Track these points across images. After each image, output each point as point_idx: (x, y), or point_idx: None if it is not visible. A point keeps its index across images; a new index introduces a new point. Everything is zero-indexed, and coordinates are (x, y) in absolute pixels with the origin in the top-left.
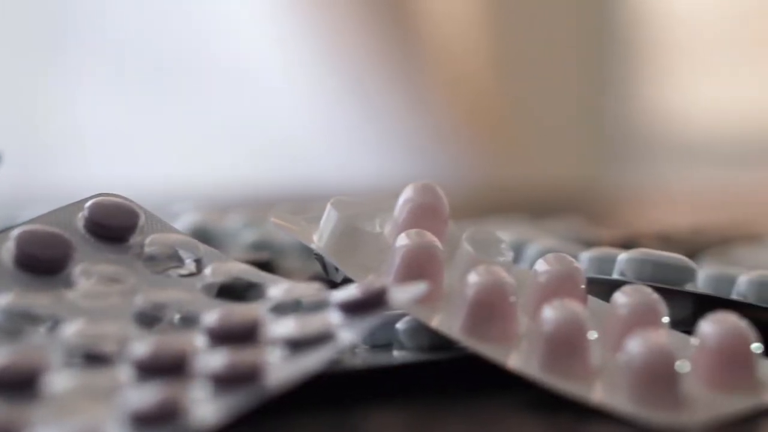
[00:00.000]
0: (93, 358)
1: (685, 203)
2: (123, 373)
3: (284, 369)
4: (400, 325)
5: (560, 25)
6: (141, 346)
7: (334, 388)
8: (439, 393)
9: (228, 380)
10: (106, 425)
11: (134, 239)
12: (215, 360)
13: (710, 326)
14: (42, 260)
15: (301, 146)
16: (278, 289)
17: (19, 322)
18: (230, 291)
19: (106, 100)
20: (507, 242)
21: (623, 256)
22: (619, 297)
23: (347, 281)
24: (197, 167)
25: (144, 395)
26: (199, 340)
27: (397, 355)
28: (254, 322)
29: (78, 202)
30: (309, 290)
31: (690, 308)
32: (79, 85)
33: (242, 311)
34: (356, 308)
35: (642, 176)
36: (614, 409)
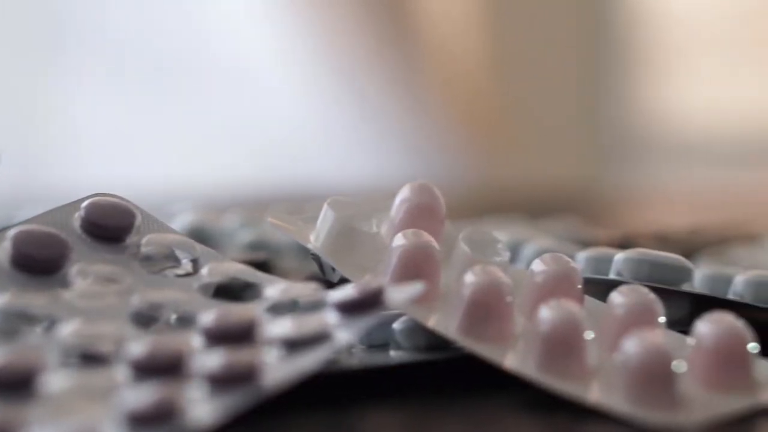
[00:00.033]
0: (89, 358)
1: (682, 203)
2: (119, 373)
3: (281, 369)
4: (397, 325)
5: (557, 25)
6: (137, 346)
7: (331, 388)
8: (436, 393)
9: (225, 380)
10: (103, 425)
11: (131, 239)
12: (212, 360)
13: (707, 326)
14: (38, 260)
15: (299, 146)
16: (275, 289)
17: (16, 322)
18: (227, 291)
19: (105, 100)
20: (504, 242)
21: (620, 256)
22: (616, 297)
23: (344, 281)
24: (195, 167)
25: (140, 395)
26: (196, 340)
27: (394, 355)
28: (251, 322)
29: (74, 202)
30: (306, 290)
31: (687, 308)
32: (78, 85)
33: (239, 311)
34: (353, 308)
35: (639, 176)
36: (611, 409)
